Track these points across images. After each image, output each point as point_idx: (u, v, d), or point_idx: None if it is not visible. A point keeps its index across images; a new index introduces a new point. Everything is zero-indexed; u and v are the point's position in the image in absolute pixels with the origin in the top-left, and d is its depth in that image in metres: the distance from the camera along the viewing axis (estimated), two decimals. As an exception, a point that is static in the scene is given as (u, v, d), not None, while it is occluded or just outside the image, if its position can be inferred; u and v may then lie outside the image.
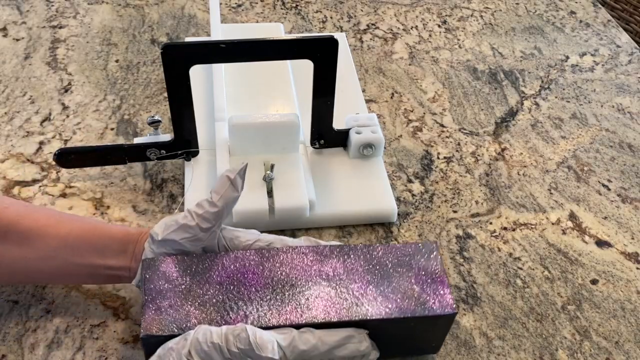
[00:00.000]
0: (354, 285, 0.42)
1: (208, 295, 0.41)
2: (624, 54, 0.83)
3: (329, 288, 0.42)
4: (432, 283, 0.43)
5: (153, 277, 0.41)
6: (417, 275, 0.43)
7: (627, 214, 0.61)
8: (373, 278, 0.43)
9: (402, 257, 0.44)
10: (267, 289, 0.42)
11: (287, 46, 0.52)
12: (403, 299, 0.42)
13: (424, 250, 0.45)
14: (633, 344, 0.51)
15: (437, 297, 0.42)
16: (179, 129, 0.55)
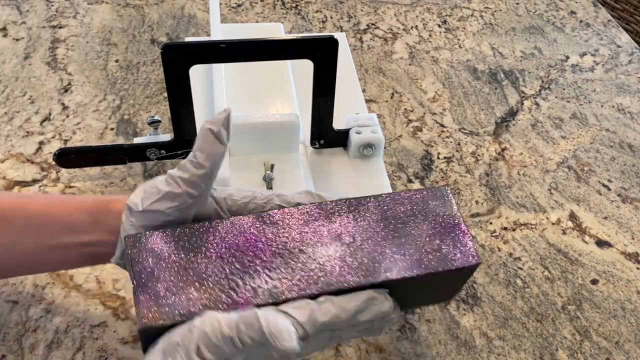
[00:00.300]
0: (369, 242, 0.38)
1: (208, 272, 0.36)
2: (624, 54, 0.83)
3: (342, 249, 0.37)
4: (451, 232, 0.39)
5: (141, 256, 0.36)
6: (434, 225, 0.39)
7: (628, 214, 0.61)
8: (387, 233, 0.38)
9: (415, 206, 0.40)
10: (273, 257, 0.37)
11: (287, 46, 0.52)
12: (423, 254, 0.38)
13: (437, 196, 0.40)
14: (633, 344, 0.51)
15: (458, 247, 0.38)
16: (179, 129, 0.55)
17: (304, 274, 0.36)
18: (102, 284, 0.51)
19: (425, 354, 0.49)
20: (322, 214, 0.39)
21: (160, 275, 0.35)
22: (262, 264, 0.36)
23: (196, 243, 0.37)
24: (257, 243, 0.37)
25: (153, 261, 0.36)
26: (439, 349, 0.49)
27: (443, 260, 0.38)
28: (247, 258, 0.36)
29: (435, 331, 0.50)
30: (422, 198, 0.40)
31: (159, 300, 0.34)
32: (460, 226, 0.39)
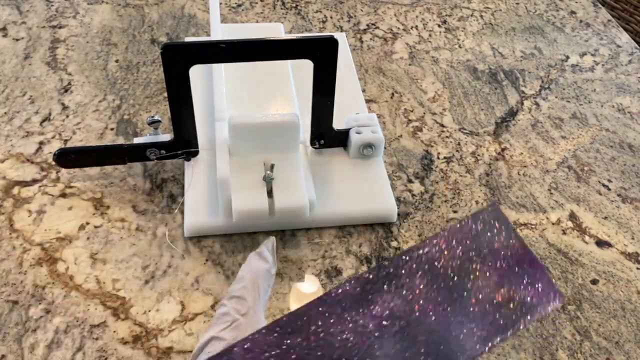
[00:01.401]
0: (428, 318, 0.28)
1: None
2: (624, 53, 0.83)
3: (396, 338, 0.28)
4: (519, 269, 0.30)
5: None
6: (497, 266, 0.30)
7: (628, 214, 0.61)
8: (445, 295, 0.29)
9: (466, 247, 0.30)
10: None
11: (287, 46, 0.52)
12: (497, 310, 0.29)
13: (487, 222, 0.31)
14: (633, 344, 0.51)
15: (534, 287, 0.30)
16: (179, 129, 0.55)
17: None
18: (102, 284, 0.51)
19: (425, 354, 0.49)
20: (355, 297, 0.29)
21: None
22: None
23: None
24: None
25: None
26: (439, 349, 0.49)
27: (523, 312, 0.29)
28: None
29: (435, 331, 0.50)
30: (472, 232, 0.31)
31: None
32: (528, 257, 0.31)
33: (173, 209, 0.57)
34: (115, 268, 0.52)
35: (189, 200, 0.56)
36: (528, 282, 0.30)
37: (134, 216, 0.56)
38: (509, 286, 0.30)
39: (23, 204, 0.56)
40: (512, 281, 0.30)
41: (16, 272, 0.51)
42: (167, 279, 0.51)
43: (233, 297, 0.36)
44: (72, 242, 0.54)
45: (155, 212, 0.57)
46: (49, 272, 0.51)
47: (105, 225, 0.55)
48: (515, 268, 0.30)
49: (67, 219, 0.55)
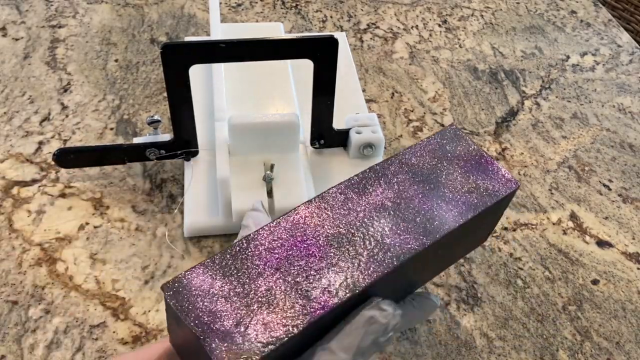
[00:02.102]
0: (412, 202, 0.36)
1: (271, 290, 0.31)
2: (625, 53, 0.83)
3: (390, 217, 0.35)
4: (479, 166, 0.38)
5: (190, 301, 0.31)
6: (462, 165, 0.38)
7: (628, 214, 0.61)
8: (424, 187, 0.37)
9: (435, 154, 0.39)
10: (329, 250, 0.33)
11: (287, 46, 0.52)
12: (467, 196, 0.37)
13: (449, 137, 0.40)
14: (634, 344, 0.50)
15: (493, 178, 0.38)
16: (179, 129, 0.55)
17: (368, 255, 0.33)
18: (101, 284, 0.51)
19: (426, 354, 0.48)
20: (354, 190, 0.37)
21: (223, 312, 0.30)
22: (320, 261, 0.33)
23: (242, 264, 0.33)
24: (305, 241, 0.34)
25: (207, 301, 0.31)
26: (439, 350, 0.49)
27: (488, 195, 0.37)
28: (303, 260, 0.33)
29: (436, 331, 0.50)
30: (437, 144, 0.40)
31: (234, 339, 0.29)
32: (485, 158, 0.39)
33: (173, 209, 0.57)
34: (115, 268, 0.52)
35: (189, 200, 0.55)
36: (487, 175, 0.38)
37: (133, 216, 0.56)
38: (472, 178, 0.38)
39: (22, 204, 0.56)
40: (475, 175, 0.38)
41: (16, 272, 0.51)
42: (166, 279, 0.51)
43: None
44: (72, 242, 0.53)
45: (154, 212, 0.57)
46: (49, 272, 0.51)
47: (105, 225, 0.55)
48: (475, 165, 0.39)
49: (67, 219, 0.55)
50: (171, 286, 0.31)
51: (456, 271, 0.54)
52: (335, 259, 0.33)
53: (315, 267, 0.33)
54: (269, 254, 0.33)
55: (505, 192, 0.38)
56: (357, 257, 0.33)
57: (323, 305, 0.31)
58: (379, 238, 0.34)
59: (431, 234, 0.35)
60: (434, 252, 0.36)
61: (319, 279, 0.32)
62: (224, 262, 0.33)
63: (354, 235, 0.34)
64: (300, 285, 0.32)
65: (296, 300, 0.31)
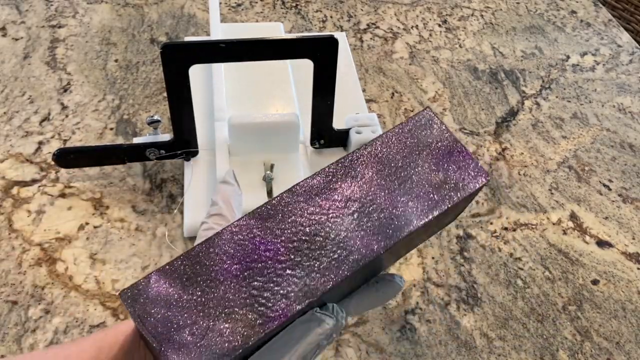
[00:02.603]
0: (378, 199, 0.35)
1: (229, 297, 0.31)
2: (625, 53, 0.83)
3: (354, 217, 0.34)
4: (450, 157, 0.37)
5: (148, 309, 0.31)
6: (432, 156, 0.37)
7: (628, 214, 0.61)
8: (391, 182, 0.36)
9: (406, 142, 0.37)
10: (290, 253, 0.33)
11: (287, 46, 0.52)
12: (434, 190, 0.36)
13: (422, 123, 0.38)
14: (634, 344, 0.50)
15: (464, 170, 0.37)
16: (179, 129, 0.55)
17: (329, 259, 0.33)
18: (101, 284, 0.51)
19: (426, 354, 0.48)
20: (319, 186, 0.35)
21: (180, 321, 0.30)
22: (281, 265, 0.32)
23: (202, 269, 0.32)
24: (267, 244, 0.33)
25: (164, 309, 0.31)
26: (439, 350, 0.49)
27: (456, 190, 0.36)
28: (264, 264, 0.32)
29: (436, 331, 0.50)
30: (409, 132, 0.38)
31: (190, 349, 0.29)
32: (457, 147, 0.37)
33: (173, 209, 0.57)
34: (115, 268, 0.52)
35: (189, 200, 0.55)
36: (458, 167, 0.37)
37: (133, 216, 0.56)
38: (442, 170, 0.37)
39: (22, 204, 0.56)
40: (445, 167, 0.37)
41: (15, 273, 0.51)
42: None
43: (212, 215, 0.39)
44: (72, 242, 0.53)
45: (154, 212, 0.57)
46: (49, 272, 0.51)
47: (105, 225, 0.55)
48: (447, 156, 0.37)
49: (67, 219, 0.55)
50: (129, 293, 0.31)
51: (456, 271, 0.54)
52: (297, 264, 0.33)
53: (276, 273, 0.32)
54: (228, 259, 0.32)
55: (474, 187, 0.36)
56: (318, 262, 0.33)
57: (281, 314, 0.31)
58: (341, 241, 0.34)
59: (395, 234, 0.34)
60: (396, 248, 0.36)
61: (278, 285, 0.32)
62: (182, 268, 0.32)
63: (315, 237, 0.34)
64: (258, 292, 0.31)
65: (254, 309, 0.31)
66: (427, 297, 0.52)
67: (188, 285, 0.31)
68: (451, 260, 0.55)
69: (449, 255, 0.56)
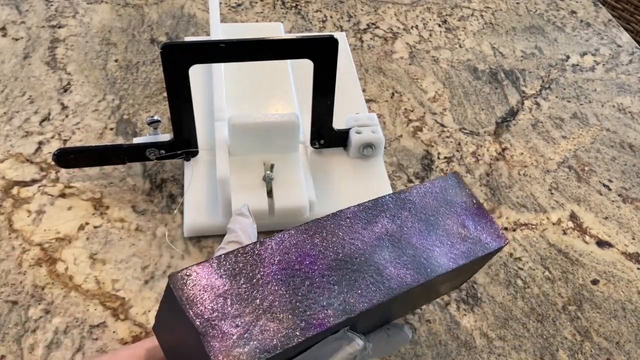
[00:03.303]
0: (413, 239, 0.37)
1: (274, 298, 0.32)
2: (625, 53, 0.83)
3: (391, 250, 0.36)
4: (476, 217, 0.40)
5: (197, 294, 0.30)
6: (460, 213, 0.40)
7: (628, 214, 0.61)
8: (424, 227, 0.38)
9: (437, 197, 0.40)
10: (331, 269, 0.34)
11: (287, 46, 0.52)
12: (462, 242, 0.38)
13: (450, 184, 0.42)
14: (634, 344, 0.50)
15: (486, 230, 0.40)
16: (179, 129, 0.55)
17: (368, 282, 0.34)
18: (101, 284, 0.51)
19: (426, 354, 0.48)
20: (360, 217, 0.38)
21: (226, 312, 0.31)
22: (324, 278, 0.34)
23: (251, 268, 0.33)
24: (310, 257, 0.34)
25: (212, 297, 0.31)
26: (439, 350, 0.49)
27: (480, 246, 0.39)
28: (308, 275, 0.33)
29: (436, 331, 0.50)
30: (439, 189, 0.41)
31: (233, 341, 0.30)
32: (482, 211, 0.41)
33: (173, 209, 0.57)
34: (115, 268, 0.52)
35: (189, 200, 0.55)
36: (481, 227, 0.40)
37: (133, 216, 0.56)
38: (468, 226, 0.40)
39: (22, 204, 0.56)
40: (470, 224, 0.40)
41: (15, 273, 0.51)
42: (166, 280, 0.51)
43: (230, 242, 0.40)
44: (72, 243, 0.53)
45: (154, 212, 0.57)
46: (49, 272, 0.51)
47: (105, 225, 0.55)
48: (472, 215, 0.40)
49: (67, 219, 0.55)
50: (180, 277, 0.31)
51: (456, 271, 0.54)
52: (337, 280, 0.34)
53: (317, 285, 0.33)
54: (277, 263, 0.33)
55: (495, 246, 0.39)
56: (356, 283, 0.34)
57: (320, 323, 0.32)
58: (378, 268, 0.35)
59: (426, 272, 0.36)
60: (422, 290, 0.37)
61: (319, 296, 0.33)
62: (233, 263, 0.33)
63: (357, 260, 0.35)
64: (302, 300, 0.32)
65: (296, 314, 0.32)
66: (427, 297, 0.52)
67: (238, 279, 0.32)
68: (451, 260, 0.55)
69: (449, 255, 0.56)
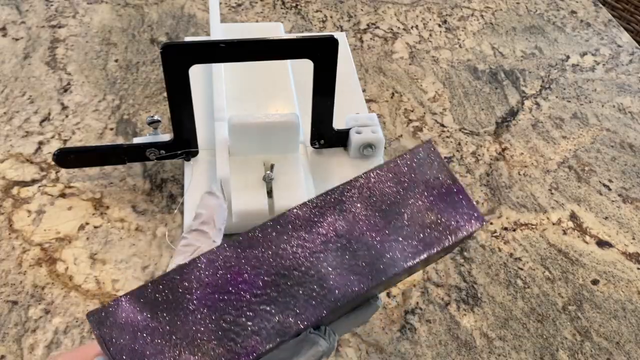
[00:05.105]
0: (365, 237, 0.33)
1: (198, 328, 0.30)
2: (625, 53, 0.83)
3: (338, 254, 0.33)
4: (447, 197, 0.35)
5: (114, 334, 0.29)
6: (428, 194, 0.35)
7: (628, 214, 0.61)
8: (381, 219, 0.34)
9: (403, 178, 0.36)
10: (267, 287, 0.31)
11: (287, 46, 0.52)
12: (425, 231, 0.34)
13: (422, 158, 0.36)
14: (634, 344, 0.50)
15: (458, 213, 0.35)
16: (179, 129, 0.55)
17: (307, 296, 0.31)
18: (101, 284, 0.51)
19: (426, 354, 0.48)
20: (305, 219, 0.34)
21: (146, 350, 0.29)
22: (256, 299, 0.31)
23: (173, 297, 0.31)
24: (243, 276, 0.32)
25: (130, 335, 0.29)
26: (439, 350, 0.49)
27: (448, 232, 0.34)
28: (238, 297, 0.31)
29: (436, 331, 0.50)
30: (406, 166, 0.36)
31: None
32: (455, 187, 0.36)
33: (173, 209, 0.57)
34: (115, 268, 0.52)
35: (189, 200, 0.55)
36: (453, 209, 0.35)
37: (133, 216, 0.56)
38: (437, 211, 0.35)
39: (22, 204, 0.56)
40: (440, 207, 0.35)
41: (15, 273, 0.51)
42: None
43: (193, 230, 0.39)
44: (72, 243, 0.53)
45: (154, 212, 0.57)
46: (49, 272, 0.51)
47: (105, 225, 0.55)
48: (443, 196, 0.35)
49: (67, 219, 0.55)
50: (96, 316, 0.30)
51: (456, 271, 0.54)
52: (273, 299, 0.31)
53: (249, 307, 0.31)
54: (201, 287, 0.31)
55: (468, 231, 0.35)
56: (295, 299, 0.31)
57: (249, 351, 0.30)
58: (321, 278, 0.32)
59: (378, 275, 0.33)
60: (379, 286, 0.35)
61: (250, 320, 0.31)
62: (153, 294, 0.31)
63: (295, 271, 0.32)
64: (229, 326, 0.30)
65: (222, 343, 0.30)
66: (427, 297, 0.52)
67: (158, 312, 0.30)
68: (451, 260, 0.55)
69: (449, 255, 0.56)
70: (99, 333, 0.30)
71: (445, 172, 0.36)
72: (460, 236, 0.35)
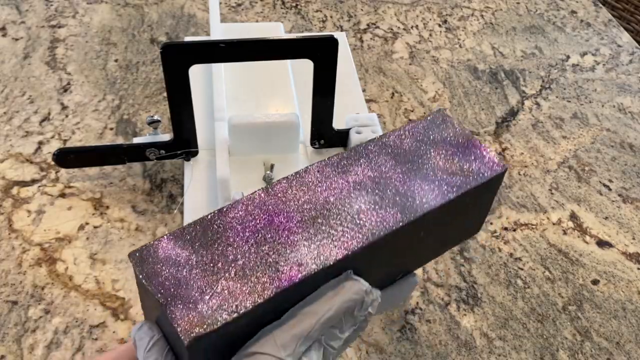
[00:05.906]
0: (393, 182, 0.35)
1: (240, 259, 0.31)
2: (625, 53, 0.83)
3: (369, 195, 0.34)
4: (466, 149, 0.37)
5: (156, 268, 0.30)
6: (447, 148, 0.37)
7: (628, 214, 0.61)
8: (406, 168, 0.36)
9: (420, 137, 0.38)
10: (303, 225, 0.33)
11: (287, 46, 0.52)
12: (450, 177, 0.36)
13: (436, 121, 0.39)
14: (634, 344, 0.50)
15: (479, 160, 0.37)
16: (179, 129, 0.55)
17: (342, 231, 0.33)
18: (101, 284, 0.51)
19: (426, 354, 0.48)
20: (334, 170, 0.36)
21: (188, 279, 0.30)
22: (293, 235, 0.32)
23: (213, 234, 0.32)
24: (279, 216, 0.33)
25: (173, 269, 0.30)
26: (439, 350, 0.49)
27: (472, 177, 0.36)
28: (275, 234, 0.32)
29: (436, 331, 0.50)
30: (423, 128, 0.38)
31: (197, 305, 0.29)
32: (473, 141, 0.38)
33: (173, 209, 0.57)
34: (115, 268, 0.52)
35: (189, 200, 0.55)
36: (473, 158, 0.37)
37: (133, 216, 0.56)
38: (457, 160, 0.37)
39: (22, 204, 0.56)
40: (460, 157, 0.37)
41: (15, 273, 0.51)
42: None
43: None
44: (72, 242, 0.53)
45: (154, 212, 0.57)
46: (49, 272, 0.51)
47: (105, 225, 0.55)
48: (461, 148, 0.38)
49: (67, 219, 0.55)
50: (138, 254, 0.31)
51: (456, 271, 0.54)
52: (309, 234, 0.32)
53: (287, 241, 0.32)
54: (241, 226, 0.32)
55: (491, 174, 0.36)
56: (331, 233, 0.33)
57: (291, 277, 0.31)
58: (355, 215, 0.34)
59: (409, 212, 0.34)
60: (415, 234, 0.36)
61: (290, 252, 0.32)
62: (194, 233, 0.32)
63: (329, 211, 0.34)
64: (270, 257, 0.31)
65: (264, 272, 0.31)
66: (427, 297, 0.52)
67: (199, 247, 0.31)
68: (451, 260, 0.55)
69: (449, 255, 0.56)
70: (141, 269, 0.30)
71: (461, 130, 0.38)
72: (485, 179, 0.36)
